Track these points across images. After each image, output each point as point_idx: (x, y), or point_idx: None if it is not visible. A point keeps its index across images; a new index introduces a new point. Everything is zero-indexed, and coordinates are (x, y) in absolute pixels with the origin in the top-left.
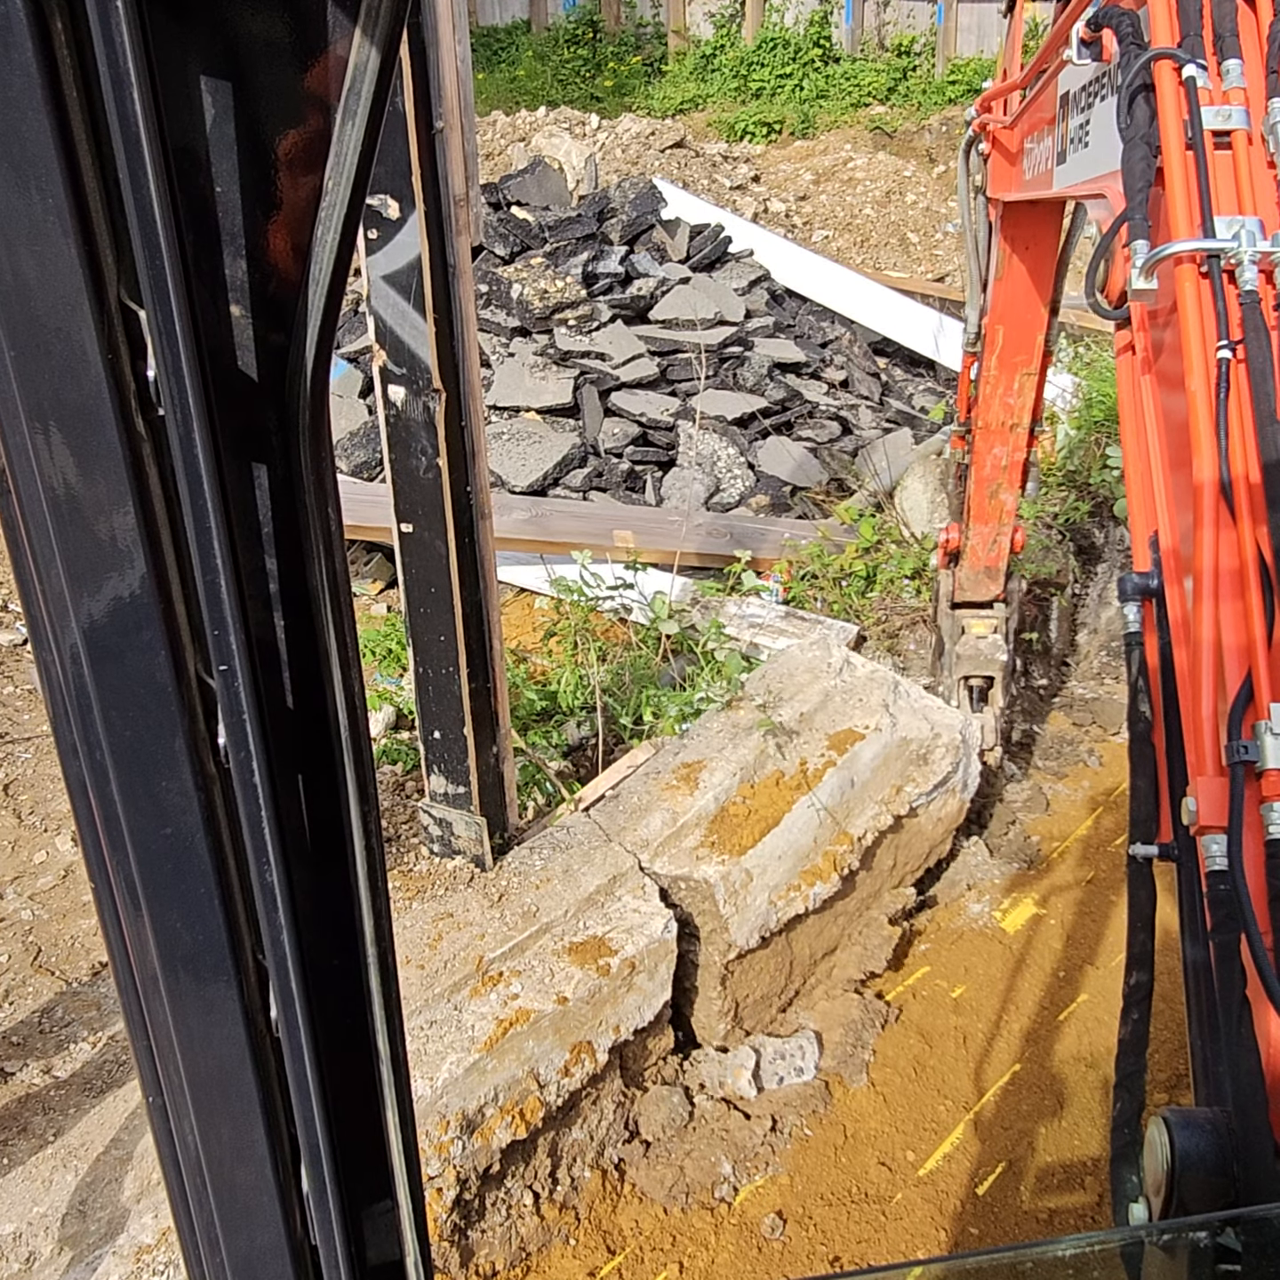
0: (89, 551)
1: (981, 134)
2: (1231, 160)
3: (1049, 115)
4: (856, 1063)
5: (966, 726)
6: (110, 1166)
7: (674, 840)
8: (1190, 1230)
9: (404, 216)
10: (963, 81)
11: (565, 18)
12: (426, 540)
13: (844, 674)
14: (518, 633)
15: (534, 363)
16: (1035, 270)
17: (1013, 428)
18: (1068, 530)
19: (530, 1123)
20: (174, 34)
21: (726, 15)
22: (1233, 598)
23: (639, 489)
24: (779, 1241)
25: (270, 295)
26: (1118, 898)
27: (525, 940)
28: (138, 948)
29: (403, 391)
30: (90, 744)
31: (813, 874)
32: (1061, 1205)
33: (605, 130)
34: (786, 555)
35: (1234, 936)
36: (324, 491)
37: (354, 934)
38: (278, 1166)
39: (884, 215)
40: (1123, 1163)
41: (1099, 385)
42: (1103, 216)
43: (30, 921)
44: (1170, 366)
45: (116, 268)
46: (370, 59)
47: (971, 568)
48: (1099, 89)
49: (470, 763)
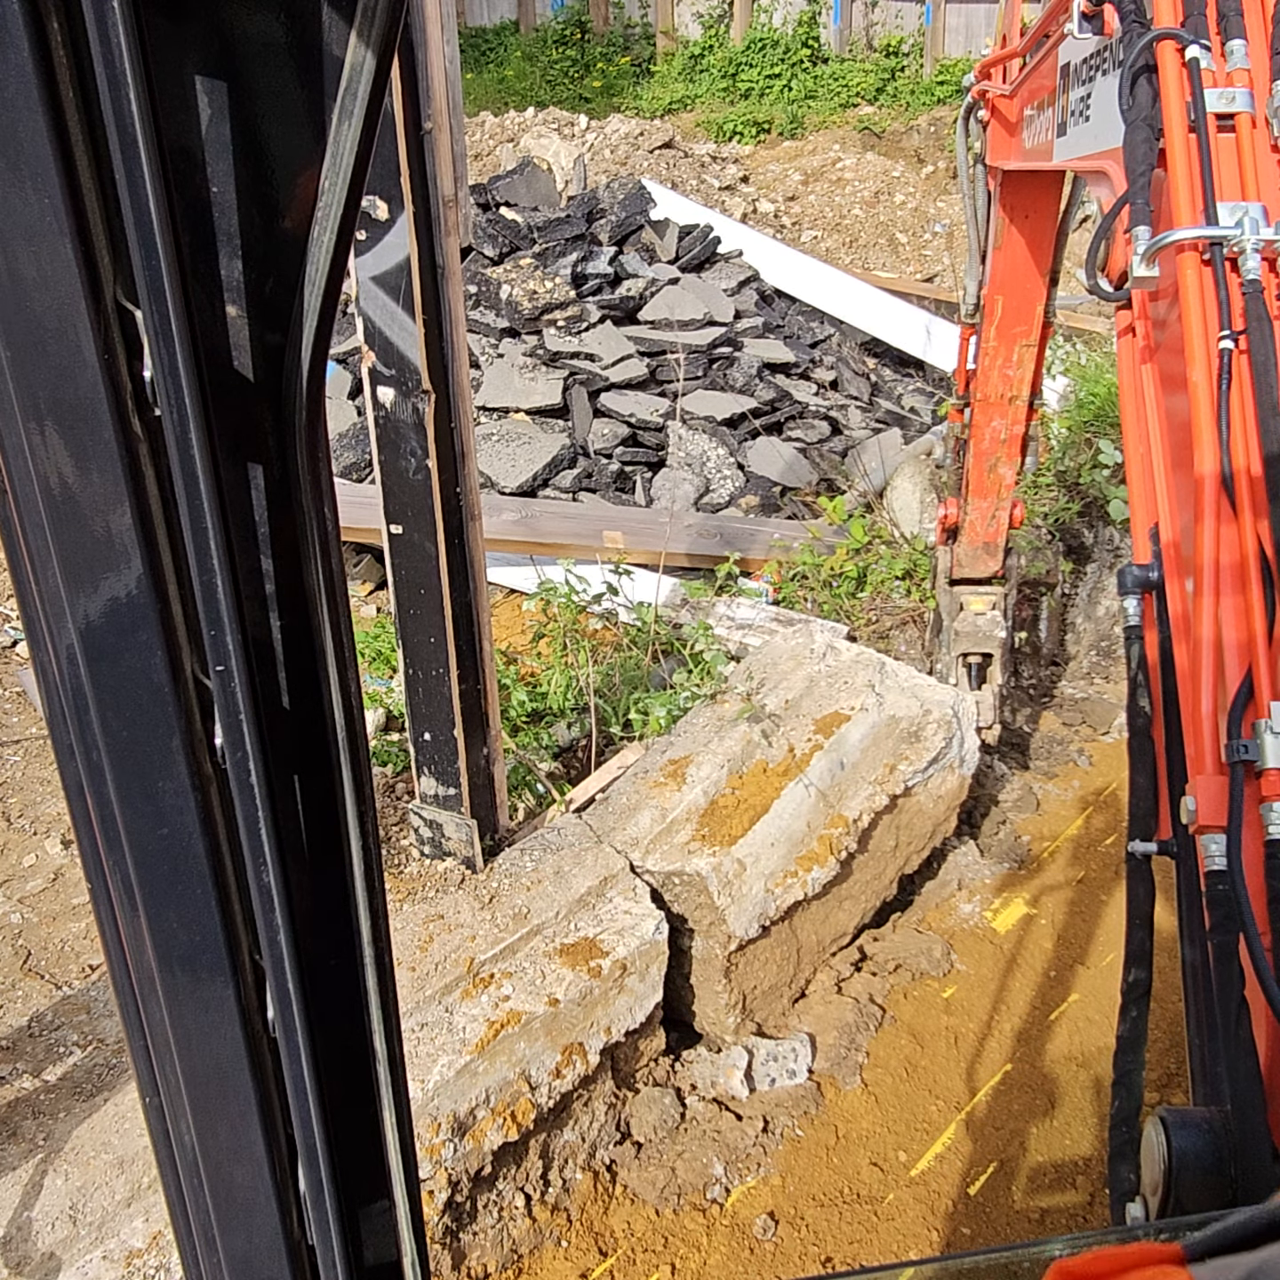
0: (85, 551)
1: (980, 101)
2: (1235, 144)
3: (1049, 84)
4: (850, 1064)
5: (959, 702)
6: (100, 1170)
7: (664, 837)
8: (1187, 1229)
9: (393, 218)
10: (951, 82)
11: (553, 18)
12: (416, 541)
13: (828, 658)
14: (508, 634)
15: (523, 363)
16: (1034, 239)
17: (1011, 400)
18: (1058, 530)
19: (522, 1124)
20: (170, 35)
21: (715, 16)
22: (1233, 593)
23: (628, 490)
24: (771, 1242)
25: (266, 295)
26: (1108, 897)
27: (516, 942)
28: (134, 948)
29: (392, 393)
30: (87, 744)
31: (809, 859)
32: (1053, 1205)
33: (594, 131)
34: (776, 556)
35: (1232, 937)
36: (320, 491)
37: (351, 934)
38: (275, 1166)
39: (872, 215)
40: (1120, 1161)
41: (1089, 386)
42: (1104, 195)
43: (19, 925)
44: (1171, 356)
45: (113, 268)
46: (366, 60)
47: (970, 543)
48: (1100, 63)
49: (460, 764)
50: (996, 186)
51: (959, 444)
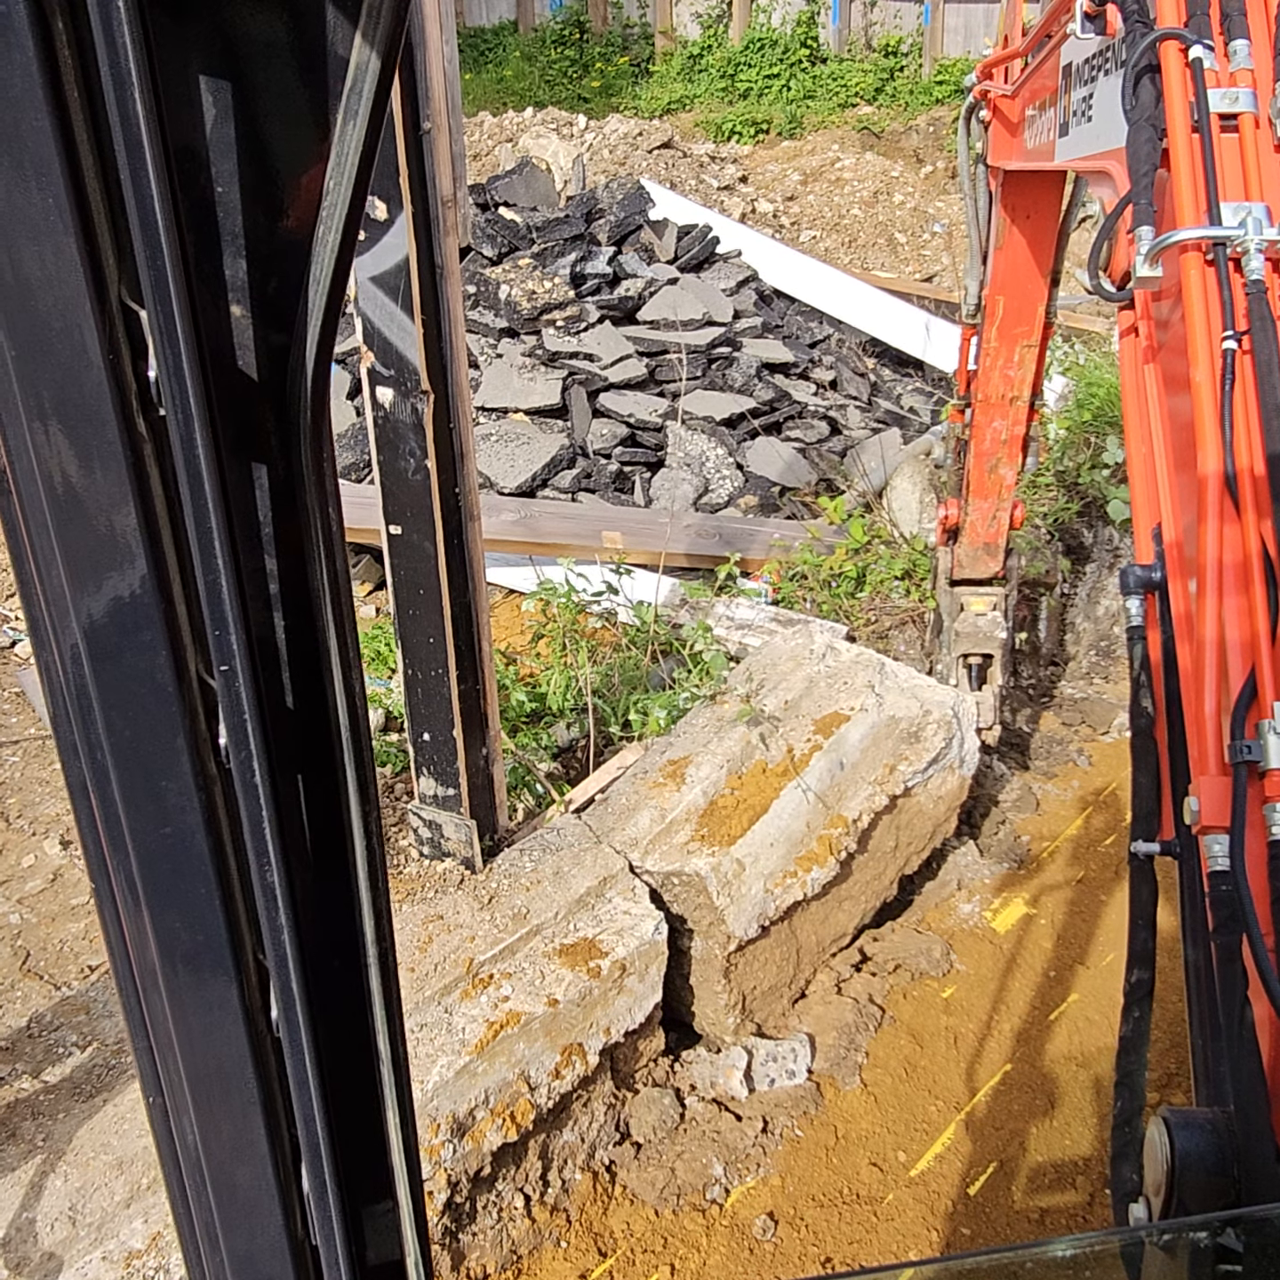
0: (90, 551)
1: (982, 101)
2: (1238, 144)
3: (1051, 84)
4: (849, 1065)
5: (959, 703)
6: (100, 1171)
7: (664, 837)
8: (1190, 1230)
9: (391, 218)
10: (950, 82)
11: (552, 18)
12: (415, 542)
13: (828, 659)
14: (507, 634)
15: (522, 364)
16: (1036, 240)
17: (1012, 400)
18: (1057, 530)
19: (521, 1125)
20: (175, 34)
21: (713, 16)
22: (1236, 593)
23: (628, 490)
24: (770, 1243)
25: (271, 295)
26: (1108, 897)
27: (515, 942)
28: (138, 947)
29: (391, 393)
30: (91, 744)
31: (808, 859)
32: (1053, 1205)
33: (593, 131)
34: (775, 556)
35: (1236, 938)
36: (324, 491)
37: (354, 934)
38: (278, 1166)
39: (871, 215)
40: (1123, 1161)
41: (1088, 387)
42: (1106, 195)
43: (19, 926)
44: (1174, 356)
45: (118, 268)
46: (371, 59)
47: (971, 544)
48: (1103, 63)
49: (460, 765)
50: (998, 187)
51: (959, 444)
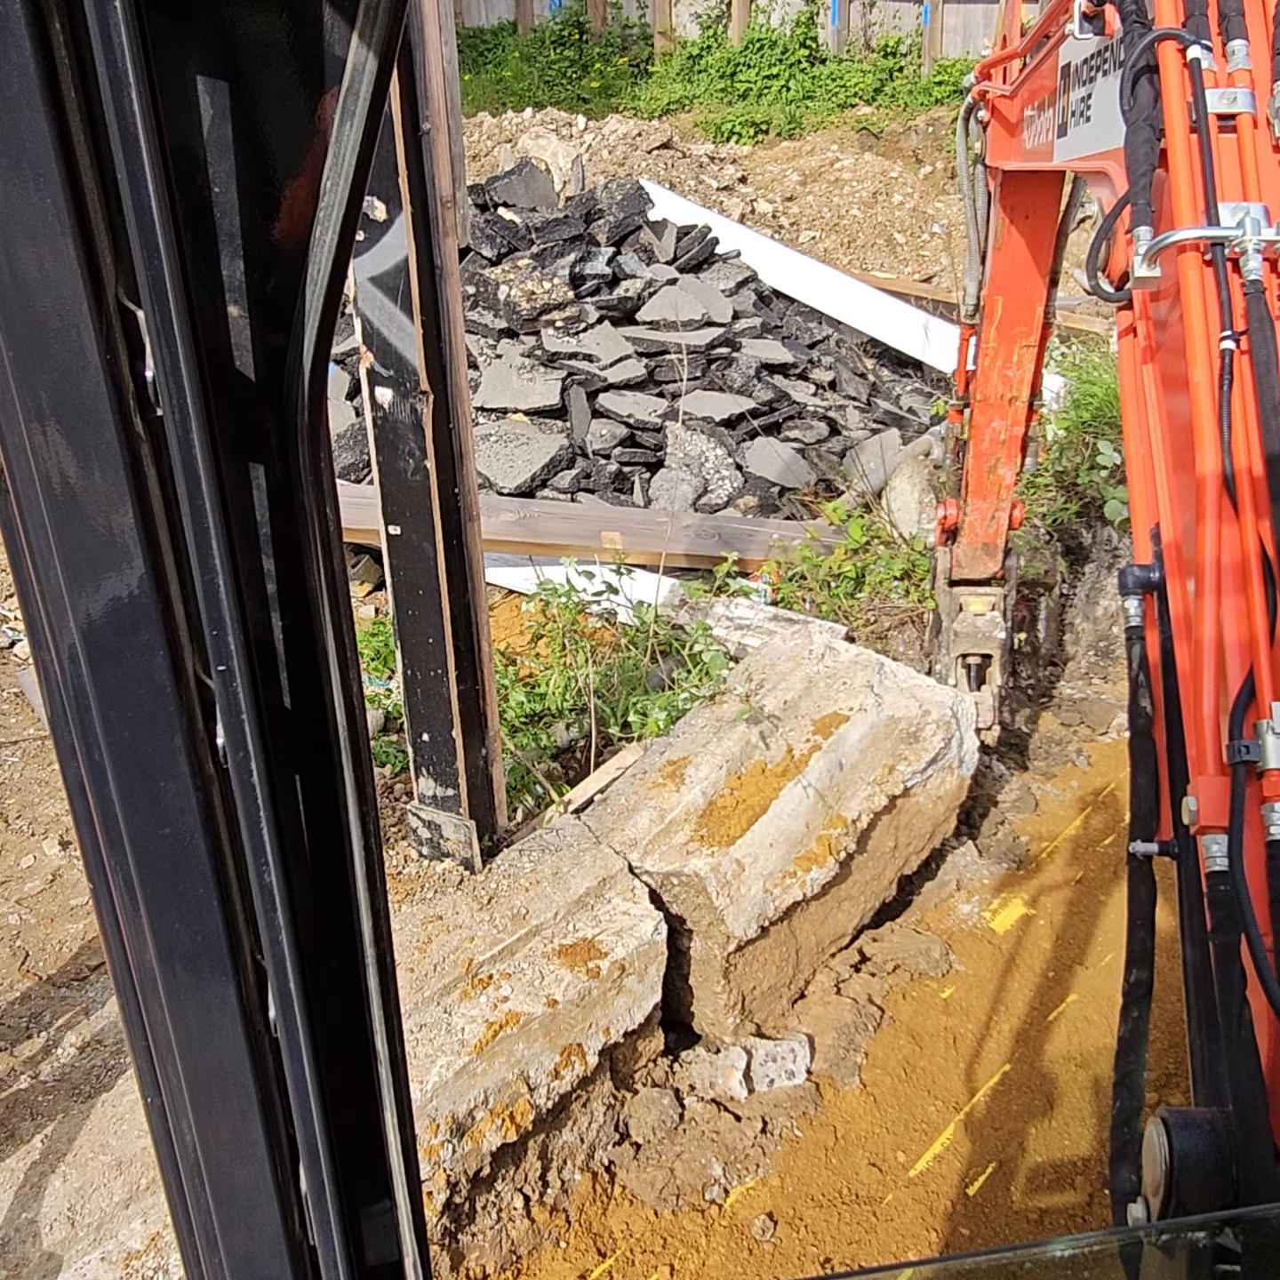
0: (87, 551)
1: (980, 101)
2: (1236, 144)
3: (1050, 85)
4: (848, 1065)
5: (958, 703)
6: (99, 1172)
7: (663, 837)
8: (1189, 1230)
9: (390, 218)
10: (949, 82)
11: (551, 19)
12: (414, 542)
13: (826, 659)
14: (506, 634)
15: (521, 364)
16: (1034, 240)
17: (1011, 401)
18: (1055, 530)
19: (520, 1125)
20: (172, 35)
21: (713, 16)
22: (1235, 593)
23: (627, 490)
24: (770, 1243)
25: (268, 295)
26: (1107, 897)
27: (515, 943)
28: (136, 948)
29: (390, 393)
30: (89, 744)
31: (808, 859)
32: (1052, 1205)
33: (592, 131)
34: (774, 556)
35: (1234, 938)
36: (322, 491)
37: (352, 934)
38: (276, 1166)
39: (870, 216)
40: (1122, 1162)
41: (1086, 387)
42: (1104, 196)
43: (17, 926)
44: (1172, 357)
45: (115, 268)
46: (368, 60)
47: (970, 544)
48: (1101, 63)
49: (459, 765)
50: (996, 187)
51: (958, 445)
